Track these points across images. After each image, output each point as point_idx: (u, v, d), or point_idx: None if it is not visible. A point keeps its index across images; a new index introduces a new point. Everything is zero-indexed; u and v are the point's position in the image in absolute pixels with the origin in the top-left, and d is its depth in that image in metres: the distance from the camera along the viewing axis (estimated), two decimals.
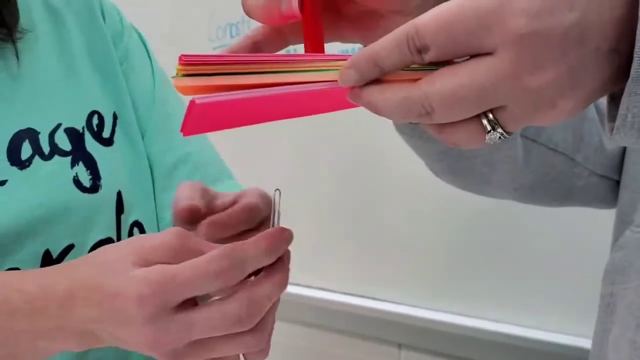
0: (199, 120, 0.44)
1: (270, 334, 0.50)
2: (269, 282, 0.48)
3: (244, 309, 0.46)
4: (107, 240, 0.66)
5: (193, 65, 0.41)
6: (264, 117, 0.46)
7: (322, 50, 0.48)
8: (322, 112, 0.49)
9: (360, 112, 0.42)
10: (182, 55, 0.41)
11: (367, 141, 1.18)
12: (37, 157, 0.63)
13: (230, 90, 0.41)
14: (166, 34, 1.32)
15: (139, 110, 0.72)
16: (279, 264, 0.49)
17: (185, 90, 0.43)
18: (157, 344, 0.46)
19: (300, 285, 1.28)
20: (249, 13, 0.47)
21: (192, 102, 0.41)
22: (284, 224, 0.51)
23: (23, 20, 0.65)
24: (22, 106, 0.63)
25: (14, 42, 0.63)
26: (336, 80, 0.40)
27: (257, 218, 0.56)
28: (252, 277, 0.49)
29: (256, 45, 0.49)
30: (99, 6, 0.73)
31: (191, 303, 0.47)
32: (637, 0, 0.35)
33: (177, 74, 0.42)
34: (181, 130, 0.43)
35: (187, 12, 1.33)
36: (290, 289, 1.32)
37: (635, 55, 0.35)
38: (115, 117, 0.70)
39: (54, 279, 0.51)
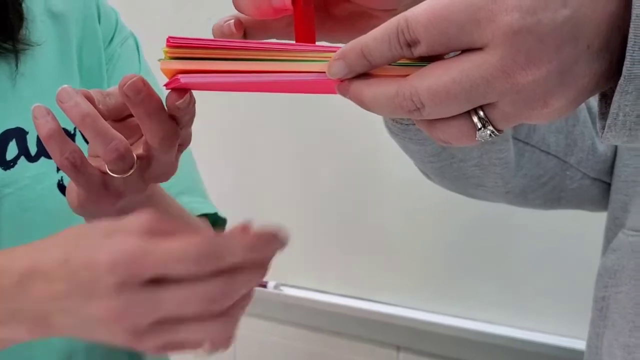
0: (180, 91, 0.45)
1: (237, 324, 0.47)
2: (248, 269, 0.45)
3: (218, 288, 0.43)
4: None
5: (180, 48, 0.41)
6: (245, 89, 0.45)
7: (313, 43, 0.47)
8: (308, 93, 0.48)
9: (359, 113, 0.41)
10: (170, 37, 0.40)
11: (365, 143, 1.17)
12: (22, 158, 0.62)
13: (217, 73, 0.41)
14: (165, 37, 1.32)
15: None
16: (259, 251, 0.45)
17: (171, 73, 0.43)
18: (121, 317, 0.43)
19: (299, 287, 1.28)
20: (238, 7, 0.47)
21: (176, 80, 0.42)
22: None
23: (28, 30, 0.65)
24: (15, 106, 0.63)
25: (16, 52, 0.63)
26: (325, 72, 0.39)
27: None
28: None
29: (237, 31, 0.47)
30: (96, 7, 0.72)
31: (162, 280, 0.44)
32: None
33: (164, 57, 0.42)
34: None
35: (186, 15, 1.33)
36: (288, 291, 1.34)
37: (627, 53, 0.35)
38: None
39: (14, 257, 0.47)
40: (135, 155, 0.51)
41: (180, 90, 0.46)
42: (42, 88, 0.65)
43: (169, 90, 0.46)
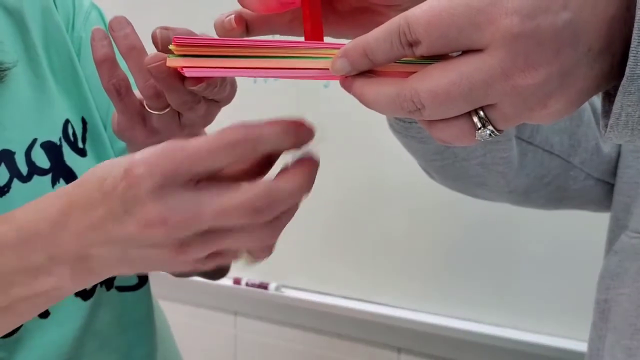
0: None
1: (280, 233, 0.45)
2: (292, 177, 0.43)
3: (263, 199, 0.41)
4: None
5: (186, 47, 0.42)
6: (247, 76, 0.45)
7: (321, 37, 0.47)
8: (310, 79, 0.49)
9: (361, 114, 0.41)
10: (175, 37, 0.41)
11: (366, 144, 1.17)
12: (15, 181, 0.59)
13: (221, 69, 0.42)
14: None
15: (97, 100, 0.67)
16: (304, 164, 0.45)
17: (179, 69, 0.43)
18: (164, 221, 0.41)
19: (300, 289, 1.27)
20: (243, 3, 0.47)
21: (181, 72, 0.42)
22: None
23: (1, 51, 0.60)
24: None
25: None
26: (328, 68, 0.40)
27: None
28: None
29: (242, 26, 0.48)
30: None
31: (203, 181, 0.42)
32: (634, 0, 0.35)
33: (172, 54, 0.43)
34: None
35: (187, 17, 1.33)
36: (289, 292, 1.33)
37: (630, 53, 0.35)
38: (84, 122, 0.66)
39: (48, 201, 0.45)
40: None
41: (194, 78, 0.48)
42: (15, 101, 0.61)
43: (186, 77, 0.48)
